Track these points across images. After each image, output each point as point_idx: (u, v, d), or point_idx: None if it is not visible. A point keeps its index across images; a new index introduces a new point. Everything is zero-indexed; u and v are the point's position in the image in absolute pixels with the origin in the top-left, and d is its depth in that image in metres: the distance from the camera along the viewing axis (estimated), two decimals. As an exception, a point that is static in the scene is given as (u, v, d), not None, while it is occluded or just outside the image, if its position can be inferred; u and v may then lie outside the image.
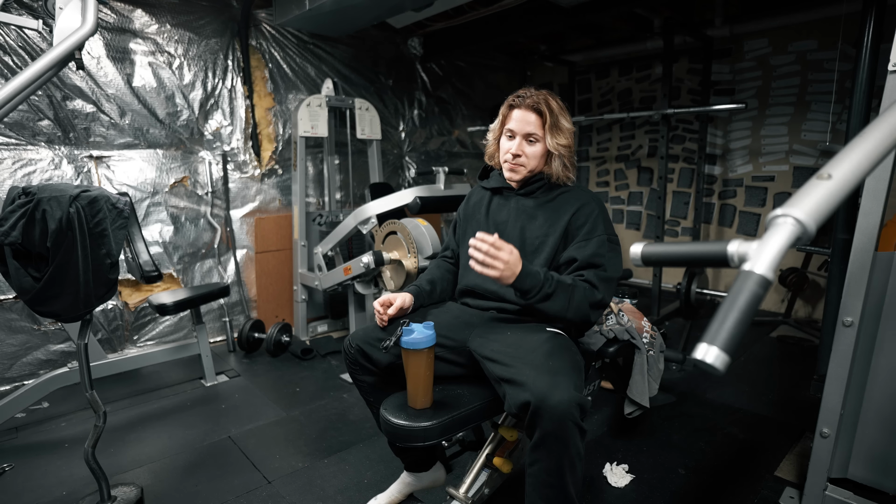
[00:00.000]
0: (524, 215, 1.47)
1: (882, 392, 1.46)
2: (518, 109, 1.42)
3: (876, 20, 2.09)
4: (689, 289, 3.50)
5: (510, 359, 1.24)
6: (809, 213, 0.61)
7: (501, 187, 1.55)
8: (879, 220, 1.35)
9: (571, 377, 1.18)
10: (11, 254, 1.43)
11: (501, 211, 1.52)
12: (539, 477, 1.18)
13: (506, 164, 1.46)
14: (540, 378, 1.14)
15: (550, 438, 1.13)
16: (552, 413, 1.10)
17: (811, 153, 3.53)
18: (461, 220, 1.65)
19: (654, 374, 1.99)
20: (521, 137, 1.42)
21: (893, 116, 0.77)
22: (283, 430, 2.24)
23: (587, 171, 4.84)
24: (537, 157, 1.43)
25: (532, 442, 1.17)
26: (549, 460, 1.15)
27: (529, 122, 1.41)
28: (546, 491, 1.18)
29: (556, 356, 1.23)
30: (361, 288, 2.83)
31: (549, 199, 1.47)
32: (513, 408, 1.17)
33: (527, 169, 1.45)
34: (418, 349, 1.26)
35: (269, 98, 3.45)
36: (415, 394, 1.31)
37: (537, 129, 1.41)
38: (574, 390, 1.14)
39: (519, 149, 1.42)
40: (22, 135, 2.58)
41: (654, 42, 3.91)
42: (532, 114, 1.41)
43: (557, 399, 1.10)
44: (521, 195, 1.51)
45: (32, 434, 2.24)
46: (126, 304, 2.98)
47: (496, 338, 1.34)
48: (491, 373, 1.29)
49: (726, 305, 0.57)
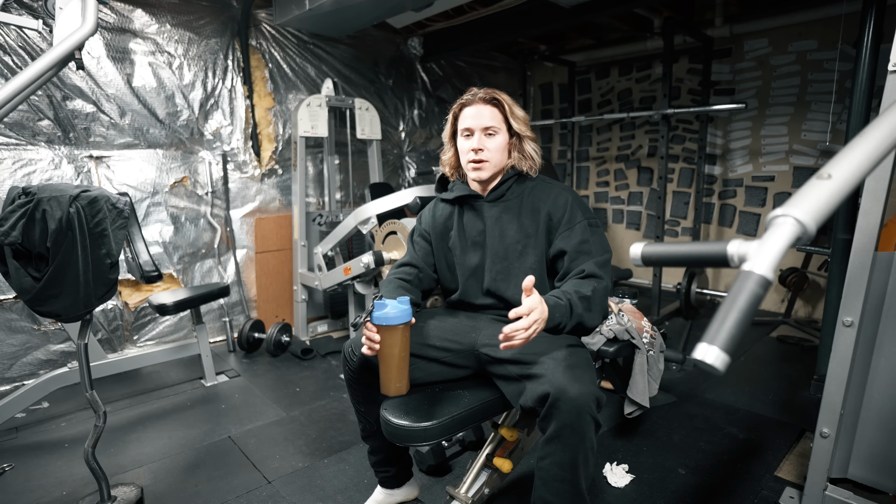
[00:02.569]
0: (500, 223, 1.43)
1: (882, 392, 1.46)
2: (470, 106, 1.38)
3: (876, 20, 2.09)
4: (689, 289, 3.51)
5: (528, 356, 1.24)
6: (809, 213, 0.61)
7: (467, 196, 1.47)
8: (879, 220, 1.35)
9: (588, 371, 1.20)
10: (11, 254, 1.43)
11: (476, 224, 1.46)
12: (551, 471, 1.18)
13: (470, 165, 1.40)
14: (559, 371, 1.15)
15: (567, 430, 1.13)
16: (571, 404, 1.11)
17: (811, 153, 3.53)
18: (435, 238, 1.54)
19: (654, 374, 1.99)
20: (480, 132, 1.37)
21: (893, 116, 0.77)
22: (283, 430, 2.24)
23: (587, 171, 4.84)
24: (500, 149, 1.39)
25: (546, 435, 1.17)
26: (563, 453, 1.15)
27: (485, 115, 1.37)
28: (558, 486, 1.18)
29: (573, 353, 1.24)
30: (361, 288, 2.83)
31: (521, 200, 1.42)
32: (529, 400, 1.17)
33: (492, 164, 1.39)
34: (391, 325, 1.17)
35: (269, 98, 3.45)
36: (387, 378, 1.23)
37: (494, 121, 1.37)
38: (591, 384, 1.16)
39: (480, 143, 1.36)
40: (22, 135, 2.58)
41: (654, 42, 3.91)
42: (486, 106, 1.37)
43: (577, 391, 1.12)
44: (491, 202, 1.45)
45: (32, 434, 2.24)
46: (126, 304, 2.98)
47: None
48: (508, 373, 1.28)
49: (726, 305, 0.57)
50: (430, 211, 1.59)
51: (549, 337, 1.30)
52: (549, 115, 5.04)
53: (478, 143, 1.37)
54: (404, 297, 1.22)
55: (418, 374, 1.38)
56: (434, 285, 1.58)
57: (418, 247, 1.57)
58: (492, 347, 1.33)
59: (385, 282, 1.49)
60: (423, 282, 1.53)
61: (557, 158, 5.05)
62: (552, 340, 1.28)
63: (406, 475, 1.63)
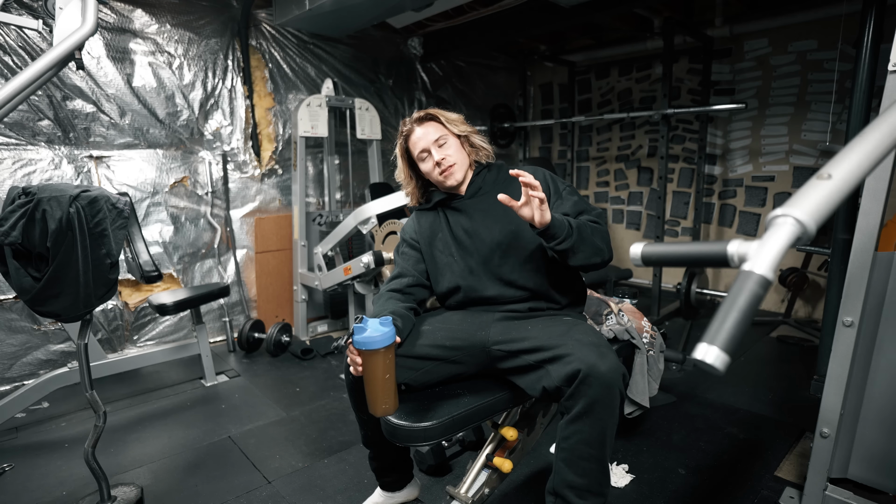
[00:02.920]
0: (488, 214, 1.47)
1: (882, 392, 1.46)
2: (413, 133, 1.47)
3: (876, 20, 2.09)
4: (689, 289, 3.51)
5: (548, 342, 1.25)
6: (809, 213, 0.61)
7: (448, 198, 1.53)
8: (879, 220, 1.35)
9: (611, 349, 1.23)
10: (11, 254, 1.43)
11: (464, 221, 1.49)
12: (577, 450, 1.19)
13: (441, 177, 1.46)
14: (586, 349, 1.18)
15: (599, 405, 1.15)
16: (603, 379, 1.14)
17: (811, 153, 3.53)
18: (424, 243, 1.55)
19: (654, 374, 1.99)
20: (434, 146, 1.45)
21: (893, 116, 0.77)
22: (283, 430, 2.24)
23: (587, 171, 4.84)
24: (457, 150, 1.47)
25: (572, 414, 1.18)
26: (592, 429, 1.17)
27: (430, 132, 1.45)
28: (585, 465, 1.19)
29: (592, 333, 1.27)
30: (361, 288, 2.83)
31: (499, 186, 1.48)
32: (556, 381, 1.19)
33: (459, 165, 1.46)
34: (371, 349, 1.12)
35: (269, 98, 3.45)
36: (373, 399, 1.19)
37: (440, 132, 1.46)
38: (616, 359, 1.19)
39: (440, 155, 1.44)
40: (22, 135, 2.58)
41: (654, 42, 3.91)
42: (426, 124, 1.47)
43: (607, 366, 1.15)
44: (472, 196, 1.51)
45: (32, 434, 2.24)
46: (126, 304, 2.98)
47: (522, 334, 1.33)
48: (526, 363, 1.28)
49: (726, 305, 0.57)
50: (413, 222, 1.61)
51: (562, 323, 1.33)
52: (550, 115, 5.04)
53: (438, 156, 1.45)
54: (386, 318, 1.20)
55: (428, 376, 1.37)
56: (427, 295, 1.57)
57: (407, 257, 1.56)
58: (505, 343, 1.34)
59: (377, 296, 1.50)
60: (416, 293, 1.52)
61: (557, 158, 5.05)
62: (569, 325, 1.30)
63: (407, 478, 1.63)
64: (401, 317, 1.35)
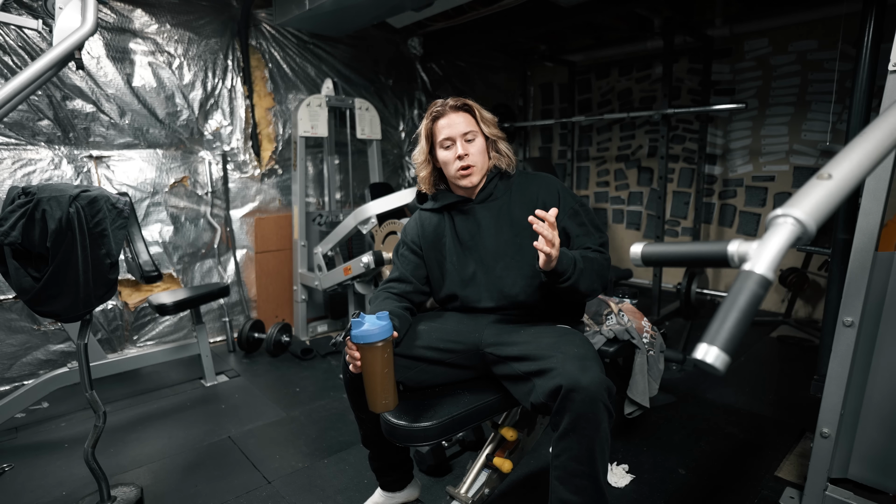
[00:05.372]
0: (495, 222, 1.43)
1: (882, 392, 1.46)
2: (444, 117, 1.40)
3: (876, 20, 2.09)
4: (689, 289, 3.50)
5: (535, 352, 1.24)
6: (809, 213, 0.61)
7: (455, 202, 1.47)
8: (879, 220, 1.35)
9: (597, 362, 1.20)
10: (11, 254, 1.43)
11: (469, 228, 1.46)
12: (568, 467, 1.17)
13: (458, 174, 1.40)
14: (569, 363, 1.16)
15: (583, 421, 1.13)
16: (585, 393, 1.11)
17: (811, 153, 3.53)
18: (426, 247, 1.51)
19: (654, 374, 1.99)
20: (460, 139, 1.38)
21: (893, 116, 0.77)
22: (283, 430, 2.24)
23: (587, 170, 4.84)
24: (482, 152, 1.41)
25: (560, 431, 1.16)
26: (580, 446, 1.15)
27: (460, 123, 1.39)
28: (577, 481, 1.17)
29: (580, 345, 1.25)
30: (361, 288, 2.83)
31: (510, 195, 1.44)
32: (541, 396, 1.17)
33: (479, 168, 1.40)
34: (370, 343, 1.13)
35: (269, 98, 3.45)
36: (372, 395, 1.19)
37: (471, 126, 1.40)
38: (601, 373, 1.16)
39: (464, 150, 1.38)
40: (22, 135, 2.58)
41: (654, 42, 3.91)
42: (460, 114, 1.40)
43: (589, 380, 1.12)
44: (482, 202, 1.46)
45: (32, 434, 2.24)
46: (126, 304, 2.98)
47: (513, 339, 1.32)
48: (515, 372, 1.27)
49: (726, 305, 0.57)
50: (415, 222, 1.56)
51: (553, 332, 1.31)
52: (550, 115, 5.04)
53: (462, 150, 1.38)
54: (383, 313, 1.19)
55: (423, 376, 1.37)
56: (424, 299, 1.55)
57: (406, 260, 1.52)
58: (497, 346, 1.33)
59: (374, 296, 1.48)
60: (414, 299, 1.50)
61: (557, 158, 5.05)
62: (558, 335, 1.28)
63: (407, 478, 1.63)
64: (397, 316, 1.35)
